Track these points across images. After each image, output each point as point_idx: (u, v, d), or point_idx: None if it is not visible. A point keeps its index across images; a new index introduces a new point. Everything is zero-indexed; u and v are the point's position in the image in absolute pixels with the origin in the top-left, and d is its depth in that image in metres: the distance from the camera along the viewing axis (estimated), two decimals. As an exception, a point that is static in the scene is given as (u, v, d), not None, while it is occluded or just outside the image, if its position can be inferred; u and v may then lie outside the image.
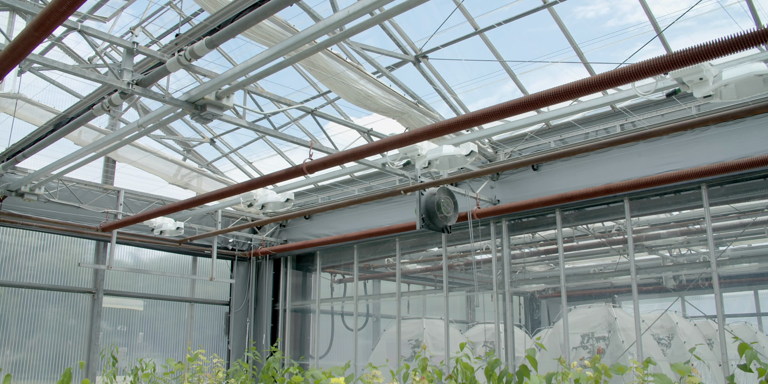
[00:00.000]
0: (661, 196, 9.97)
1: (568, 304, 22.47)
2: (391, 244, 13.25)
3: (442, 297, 16.33)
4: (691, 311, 16.55)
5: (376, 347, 14.24)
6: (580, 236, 14.09)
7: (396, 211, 12.53)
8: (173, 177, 13.75)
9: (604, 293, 19.47)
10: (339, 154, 7.70)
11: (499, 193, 11.10)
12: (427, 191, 9.25)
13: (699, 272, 10.82)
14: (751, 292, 18.76)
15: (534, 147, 11.02)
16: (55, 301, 12.69)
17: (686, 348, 13.02)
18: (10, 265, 12.22)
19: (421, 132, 6.69)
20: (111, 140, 9.16)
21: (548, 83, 10.25)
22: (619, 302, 21.20)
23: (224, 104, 6.93)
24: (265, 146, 13.42)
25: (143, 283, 14.06)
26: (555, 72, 10.34)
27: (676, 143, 9.44)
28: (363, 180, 13.26)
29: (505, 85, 10.92)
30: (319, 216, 14.23)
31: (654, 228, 13.61)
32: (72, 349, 12.78)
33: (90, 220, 12.68)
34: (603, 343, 12.11)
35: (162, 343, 14.14)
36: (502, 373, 5.32)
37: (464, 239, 12.27)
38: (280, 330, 15.00)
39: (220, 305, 15.16)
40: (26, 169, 11.92)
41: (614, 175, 9.84)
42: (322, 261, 14.70)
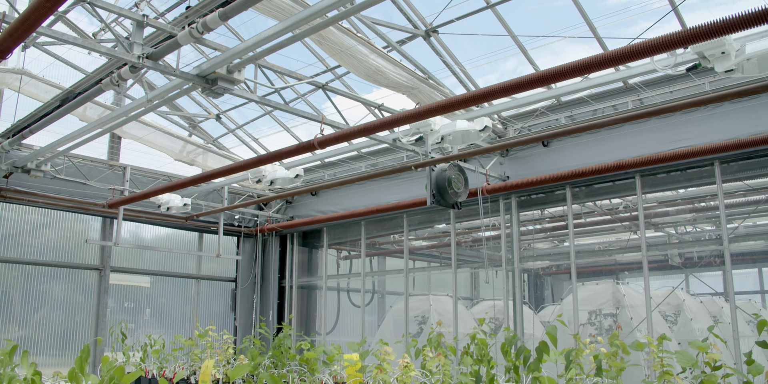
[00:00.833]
0: (673, 173, 9.90)
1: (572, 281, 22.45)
2: (398, 221, 13.21)
3: (446, 274, 16.36)
4: (695, 288, 16.56)
5: (382, 324, 14.26)
6: (588, 213, 14.04)
7: (403, 187, 12.47)
8: (179, 153, 13.66)
9: (608, 270, 19.46)
10: (351, 129, 7.61)
11: (509, 170, 11.03)
12: (437, 167, 9.18)
13: (710, 249, 10.77)
14: (756, 270, 18.76)
15: (544, 123, 10.92)
16: (62, 277, 12.69)
17: (692, 325, 13.05)
18: (16, 242, 12.19)
19: (435, 106, 6.59)
20: (118, 116, 9.07)
21: (559, 59, 10.14)
22: (624, 279, 21.24)
23: (236, 78, 6.84)
24: (271, 122, 13.33)
25: (149, 260, 14.04)
26: (565, 48, 10.24)
27: (690, 119, 9.34)
28: (370, 156, 13.18)
29: (513, 61, 10.82)
30: (325, 192, 14.18)
31: (662, 205, 13.56)
32: (79, 325, 12.80)
33: (96, 196, 12.63)
34: (611, 319, 12.12)
35: (169, 320, 14.16)
36: (519, 350, 5.29)
37: (472, 216, 12.23)
38: (286, 306, 15.02)
39: (226, 282, 15.17)
40: (32, 145, 11.84)
41: (626, 152, 9.76)
42: (329, 237, 14.67)
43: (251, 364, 3.48)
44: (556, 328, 4.95)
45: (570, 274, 22.40)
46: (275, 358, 8.07)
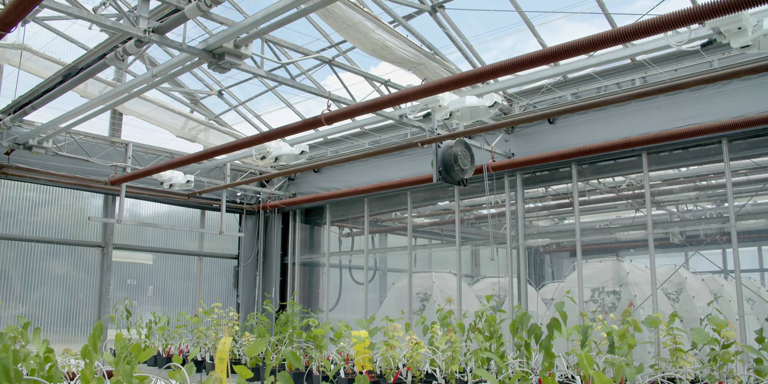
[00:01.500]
0: (679, 151, 9.85)
1: (573, 259, 22.51)
2: (401, 198, 13.17)
3: (448, 251, 16.38)
4: (695, 266, 16.60)
5: (384, 301, 14.28)
6: (590, 191, 14.02)
7: (407, 164, 12.41)
8: (180, 130, 13.57)
9: (609, 248, 19.51)
10: (359, 105, 7.54)
11: (514, 147, 10.98)
12: (444, 144, 9.12)
13: (715, 227, 10.77)
14: (755, 248, 18.81)
15: (550, 100, 10.85)
16: (64, 255, 12.66)
17: (694, 302, 13.09)
18: (17, 219, 12.14)
19: (446, 82, 6.52)
20: (121, 92, 8.98)
21: (558, 37, 10.03)
22: (627, 257, 21.29)
23: (243, 53, 6.75)
24: (273, 99, 13.26)
25: (152, 237, 14.01)
26: (564, 26, 10.12)
27: (697, 97, 9.28)
28: (373, 133, 13.10)
29: (510, 39, 10.72)
30: (328, 169, 14.12)
31: (665, 183, 13.53)
32: (82, 303, 12.80)
33: (98, 173, 12.56)
34: (614, 297, 12.14)
35: (171, 297, 14.17)
36: (531, 328, 5.28)
37: (476, 193, 12.20)
38: (289, 283, 15.04)
39: (228, 259, 15.16)
40: (33, 121, 11.75)
41: (632, 129, 9.70)
42: (332, 214, 14.64)
43: (267, 340, 3.46)
44: (563, 304, 4.94)
45: (570, 251, 22.51)
46: (282, 335, 8.07)
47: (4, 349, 2.85)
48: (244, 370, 3.33)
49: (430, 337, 6.74)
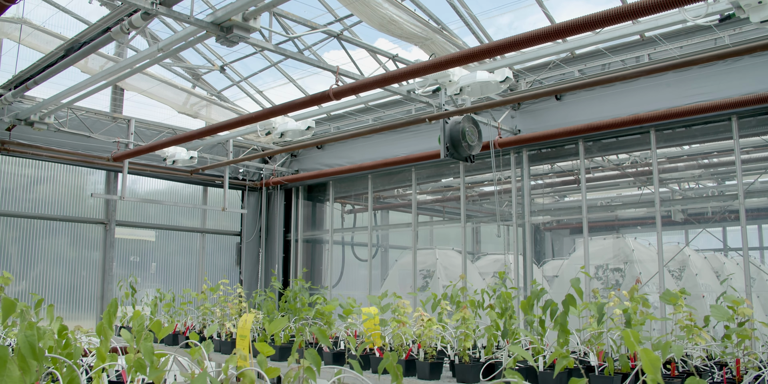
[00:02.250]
0: (688, 128, 9.78)
1: (573, 236, 22.51)
2: (406, 175, 13.11)
3: (449, 228, 16.36)
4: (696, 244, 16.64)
5: (387, 277, 14.29)
6: (594, 168, 13.98)
7: (411, 140, 12.34)
8: (182, 106, 13.46)
9: (611, 226, 19.52)
10: (369, 80, 7.45)
11: (520, 123, 10.90)
12: (451, 120, 9.04)
13: (723, 205, 10.75)
14: (755, 227, 18.84)
15: (557, 76, 10.76)
16: (67, 232, 12.60)
17: (697, 280, 13.12)
18: (19, 195, 12.07)
19: (458, 56, 6.44)
20: (123, 67, 8.86)
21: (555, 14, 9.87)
22: (624, 234, 21.36)
23: (251, 26, 6.64)
24: (275, 75, 13.13)
25: (154, 214, 13.97)
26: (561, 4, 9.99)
27: (707, 74, 9.19)
28: (378, 109, 13.00)
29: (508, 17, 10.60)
30: (331, 146, 14.04)
31: (669, 161, 13.49)
32: (86, 279, 12.78)
33: (100, 149, 12.47)
34: (618, 274, 12.16)
35: (174, 274, 14.16)
36: (547, 303, 5.26)
37: (481, 169, 12.14)
38: (292, 260, 15.03)
39: (231, 236, 15.14)
40: (35, 97, 11.63)
41: (641, 106, 9.62)
42: (335, 191, 14.59)
43: (287, 318, 3.43)
44: (579, 280, 4.90)
45: (570, 229, 22.50)
46: (290, 311, 8.05)
47: (29, 327, 2.80)
48: (265, 347, 3.29)
49: (439, 314, 6.72)
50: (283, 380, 3.18)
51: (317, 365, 2.81)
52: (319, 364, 2.81)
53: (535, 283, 5.62)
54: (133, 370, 3.28)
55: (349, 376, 3.60)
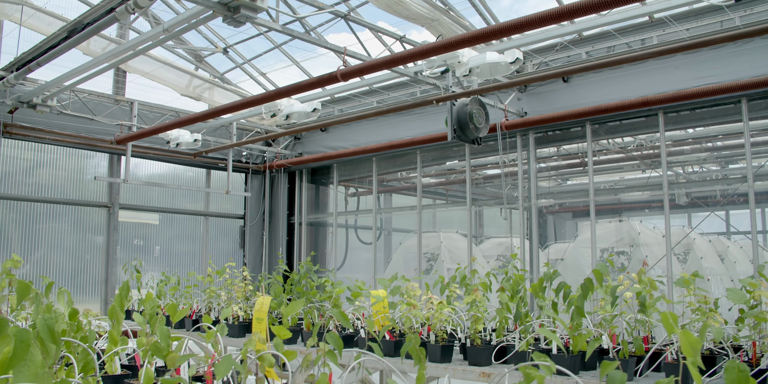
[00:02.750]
0: (696, 111, 9.70)
1: (576, 220, 22.46)
2: (410, 157, 13.04)
3: (452, 211, 16.32)
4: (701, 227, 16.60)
5: (391, 260, 14.28)
6: (598, 151, 13.91)
7: (416, 123, 12.26)
8: (185, 88, 13.37)
9: (614, 209, 19.49)
10: (377, 61, 7.36)
11: (527, 106, 10.82)
12: (458, 102, 8.96)
13: (731, 188, 10.69)
14: (759, 210, 18.80)
15: (564, 58, 10.66)
16: (70, 215, 12.55)
17: (702, 263, 13.09)
18: (21, 179, 12.01)
19: (468, 37, 6.35)
20: (127, 49, 8.76)
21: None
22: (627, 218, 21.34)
23: (259, 6, 6.54)
24: (279, 57, 13.04)
25: (158, 198, 13.91)
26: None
27: (717, 55, 9.09)
28: (382, 91, 12.89)
29: None
30: (335, 128, 13.95)
31: (675, 143, 13.42)
32: (89, 263, 12.75)
33: (103, 132, 12.39)
34: (624, 257, 12.13)
35: (178, 258, 14.14)
36: (560, 286, 5.22)
37: (486, 152, 12.07)
38: (296, 243, 15.00)
39: (234, 219, 15.10)
40: (37, 79, 11.53)
41: (649, 88, 9.54)
42: (339, 174, 14.52)
43: (303, 300, 3.39)
44: (605, 266, 4.86)
45: (573, 212, 22.44)
46: (297, 294, 8.03)
47: (47, 310, 2.75)
48: (282, 330, 3.25)
49: (447, 296, 6.68)
50: (302, 363, 3.14)
51: (339, 348, 2.77)
52: (341, 347, 2.76)
53: (548, 266, 5.58)
54: (150, 354, 3.24)
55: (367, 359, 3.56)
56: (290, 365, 3.32)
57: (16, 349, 1.90)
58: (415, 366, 2.70)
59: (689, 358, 1.83)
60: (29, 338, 1.92)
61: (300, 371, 3.16)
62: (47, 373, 1.98)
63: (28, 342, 1.92)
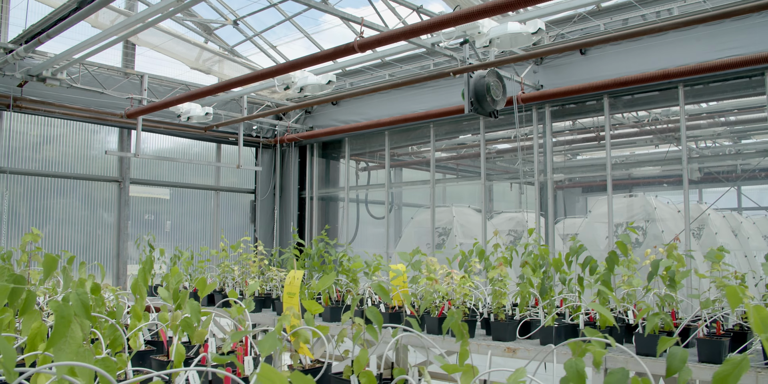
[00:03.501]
0: (717, 84, 9.53)
1: (585, 195, 22.33)
2: (423, 131, 12.91)
3: (463, 185, 16.21)
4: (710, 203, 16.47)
5: (403, 235, 14.21)
6: (612, 125, 13.75)
7: (430, 96, 12.10)
8: (195, 61, 13.22)
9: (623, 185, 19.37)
10: (396, 31, 7.20)
11: (543, 78, 10.65)
12: (475, 74, 8.81)
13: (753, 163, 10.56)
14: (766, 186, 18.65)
15: (581, 30, 10.47)
16: (80, 190, 12.48)
17: (716, 238, 13.01)
18: (31, 153, 11.91)
19: (490, 6, 6.19)
20: (137, 21, 8.61)
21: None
22: (638, 193, 21.21)
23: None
24: (289, 30, 12.85)
25: (168, 172, 13.83)
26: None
27: (740, 27, 8.90)
28: (395, 63, 12.71)
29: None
30: (347, 102, 13.80)
31: (690, 118, 13.25)
32: (101, 238, 12.70)
33: (113, 106, 12.27)
34: (639, 233, 12.04)
35: (189, 232, 14.09)
36: (587, 260, 5.14)
37: (501, 126, 11.93)
38: (307, 218, 14.94)
39: (245, 193, 15.02)
40: (46, 52, 11.38)
41: (669, 61, 9.37)
42: (350, 148, 14.40)
43: (333, 275, 3.30)
44: (629, 237, 4.76)
45: (582, 187, 22.29)
46: (313, 269, 7.97)
47: (80, 284, 2.67)
48: (314, 304, 3.17)
49: (466, 271, 6.61)
50: (337, 339, 3.06)
51: (379, 324, 2.68)
52: (381, 322, 2.68)
53: (574, 240, 5.49)
54: (180, 330, 3.17)
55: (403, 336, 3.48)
56: (320, 341, 3.24)
57: (57, 326, 1.82)
58: (457, 342, 2.62)
59: (762, 335, 1.73)
60: (70, 314, 1.84)
61: (335, 347, 3.09)
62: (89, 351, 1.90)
63: (69, 318, 1.83)
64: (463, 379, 2.44)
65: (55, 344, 1.83)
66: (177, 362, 3.03)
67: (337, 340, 2.99)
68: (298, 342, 2.89)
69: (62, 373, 1.80)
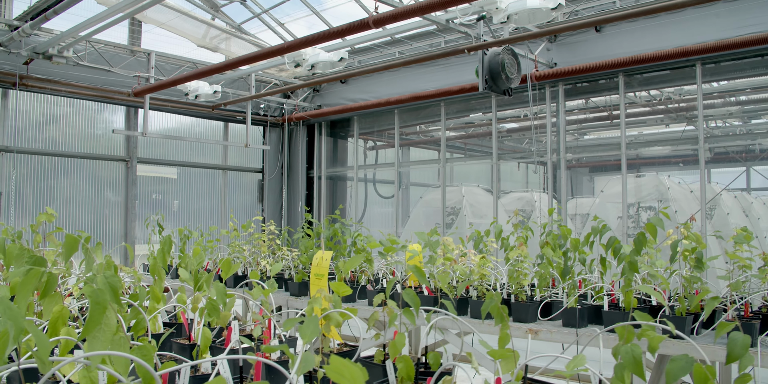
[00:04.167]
0: (736, 62, 9.36)
1: (592, 174, 22.17)
2: (434, 109, 12.75)
3: (470, 165, 16.09)
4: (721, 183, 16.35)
5: (412, 214, 14.12)
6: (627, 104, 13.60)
7: (440, 74, 11.93)
8: (201, 39, 13.02)
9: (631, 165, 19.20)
10: (412, 6, 7.04)
11: (556, 56, 10.49)
12: (490, 51, 8.65)
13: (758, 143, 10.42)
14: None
15: (597, 6, 10.28)
16: (87, 170, 12.36)
17: (728, 219, 12.90)
18: (37, 132, 11.79)
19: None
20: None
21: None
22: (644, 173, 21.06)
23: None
24: (297, 6, 12.62)
25: (175, 151, 13.71)
26: None
27: (761, 3, 8.71)
28: (405, 40, 12.52)
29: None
30: (355, 80, 13.63)
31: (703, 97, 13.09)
32: (108, 218, 12.62)
33: (119, 84, 12.12)
34: (652, 213, 11.93)
35: (197, 212, 14.00)
36: (610, 240, 5.03)
37: (513, 104, 11.78)
38: (315, 197, 14.84)
39: (253, 173, 14.91)
40: (52, 29, 11.21)
41: (686, 38, 9.19)
42: (359, 127, 14.26)
43: (361, 255, 3.21)
44: (660, 220, 4.65)
45: (589, 167, 22.13)
46: (327, 249, 7.88)
47: (108, 267, 2.58)
48: (343, 286, 3.07)
49: (480, 251, 6.52)
50: (369, 323, 2.97)
51: (416, 306, 2.59)
52: (418, 304, 2.58)
53: (597, 219, 5.38)
54: (206, 313, 3.08)
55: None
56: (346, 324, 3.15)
57: (92, 313, 1.72)
58: (496, 325, 2.52)
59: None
60: (106, 300, 1.74)
61: (367, 330, 3.00)
62: (124, 338, 1.81)
63: (105, 304, 1.73)
64: (504, 365, 2.35)
65: (91, 332, 1.73)
66: (204, 347, 2.94)
67: (369, 323, 2.90)
68: (328, 325, 2.79)
69: (97, 362, 1.70)
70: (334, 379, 1.11)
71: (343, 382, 1.10)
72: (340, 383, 1.10)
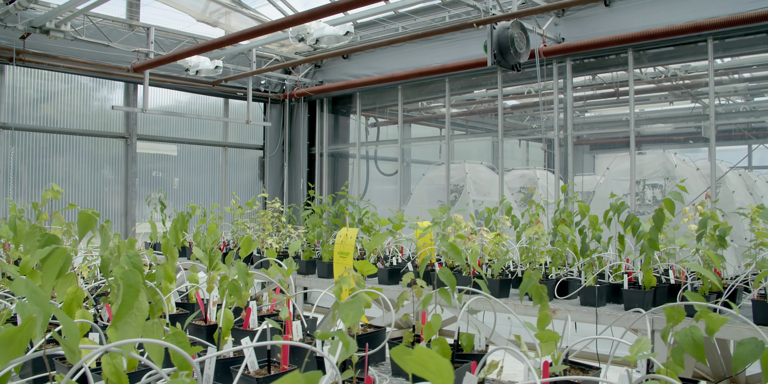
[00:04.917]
0: (748, 37, 9.19)
1: (593, 152, 22.08)
2: (438, 86, 12.58)
3: (472, 142, 15.93)
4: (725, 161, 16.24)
5: (414, 192, 13.99)
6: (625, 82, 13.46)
7: (445, 49, 11.74)
8: (201, 13, 12.79)
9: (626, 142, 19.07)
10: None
11: (564, 31, 10.31)
12: (499, 25, 8.48)
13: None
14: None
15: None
16: (86, 147, 12.19)
17: (734, 197, 12.82)
18: (33, 109, 11.59)
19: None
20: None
21: None
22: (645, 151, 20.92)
23: None
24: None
25: (175, 128, 13.53)
26: None
27: (775, -24, 8.54)
28: (409, 15, 12.30)
29: None
30: (358, 55, 13.43)
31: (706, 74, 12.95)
32: (108, 196, 12.47)
33: (118, 60, 11.90)
34: (657, 190, 11.84)
35: (198, 189, 13.86)
36: (629, 218, 4.93)
37: (519, 80, 11.62)
38: (316, 174, 14.70)
39: (253, 150, 14.75)
40: (49, 3, 10.97)
41: (697, 13, 9.02)
42: (361, 103, 14.08)
43: (387, 233, 3.09)
44: (680, 195, 4.55)
45: (590, 145, 22.03)
46: (334, 226, 7.78)
47: (130, 245, 2.46)
48: (368, 265, 2.96)
49: (491, 229, 6.42)
50: (398, 302, 2.86)
51: (452, 286, 2.47)
52: (454, 284, 2.47)
53: (614, 196, 5.28)
54: (227, 293, 2.96)
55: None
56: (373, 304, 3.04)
57: (125, 296, 1.60)
58: (535, 306, 2.42)
59: None
60: (139, 282, 1.62)
61: (395, 311, 2.89)
62: (157, 324, 1.69)
63: (138, 287, 1.61)
64: (544, 347, 2.25)
65: (123, 317, 1.61)
66: (225, 330, 2.83)
67: (398, 303, 2.79)
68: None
69: (129, 351, 1.59)
70: (415, 373, 1.00)
71: (427, 376, 0.99)
72: (425, 377, 0.99)
